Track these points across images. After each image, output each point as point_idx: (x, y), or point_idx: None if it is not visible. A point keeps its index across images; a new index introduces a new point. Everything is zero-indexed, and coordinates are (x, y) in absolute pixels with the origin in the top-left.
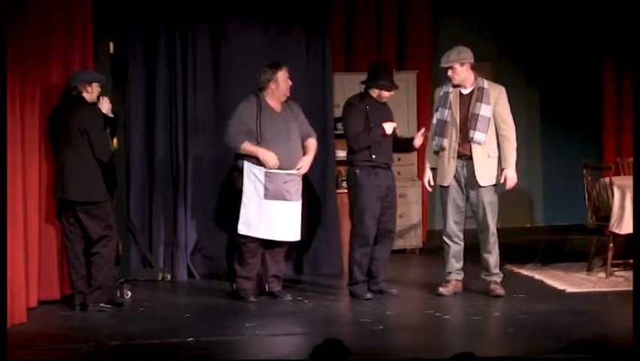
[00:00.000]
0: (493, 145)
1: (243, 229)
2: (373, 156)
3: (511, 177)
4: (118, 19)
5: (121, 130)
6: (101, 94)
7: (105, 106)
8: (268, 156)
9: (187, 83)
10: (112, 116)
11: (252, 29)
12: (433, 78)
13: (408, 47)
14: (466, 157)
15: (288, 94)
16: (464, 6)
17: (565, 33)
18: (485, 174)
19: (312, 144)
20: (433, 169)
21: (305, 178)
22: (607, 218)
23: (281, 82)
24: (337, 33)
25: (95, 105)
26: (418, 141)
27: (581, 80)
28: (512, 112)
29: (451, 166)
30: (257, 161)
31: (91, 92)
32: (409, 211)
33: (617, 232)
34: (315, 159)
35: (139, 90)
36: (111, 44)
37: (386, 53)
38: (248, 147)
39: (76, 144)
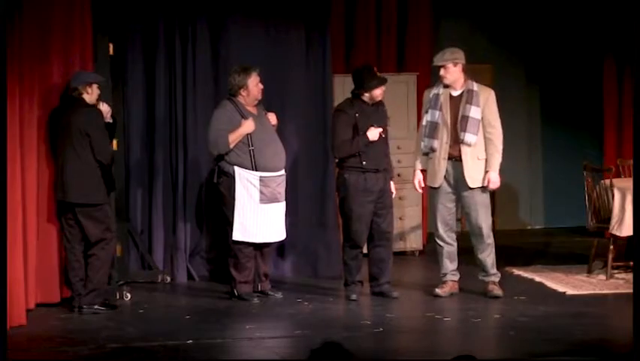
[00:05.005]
0: (482, 147)
1: (238, 235)
2: (364, 163)
3: (494, 181)
4: (117, 19)
5: (120, 132)
6: (100, 95)
7: (104, 110)
8: (248, 125)
9: (187, 84)
10: (111, 121)
11: (252, 30)
12: (433, 80)
13: (408, 49)
14: (456, 158)
15: (260, 97)
16: (464, 7)
17: (565, 34)
18: (475, 175)
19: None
20: (423, 171)
21: (305, 180)
22: (607, 220)
23: (252, 88)
24: (337, 34)
25: (95, 107)
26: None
27: (581, 82)
28: (513, 114)
29: (441, 167)
30: (249, 164)
31: (91, 94)
32: (409, 214)
33: (617, 234)
34: (315, 161)
35: (139, 91)
36: (111, 46)
37: (386, 54)
38: (232, 136)
39: (77, 145)
